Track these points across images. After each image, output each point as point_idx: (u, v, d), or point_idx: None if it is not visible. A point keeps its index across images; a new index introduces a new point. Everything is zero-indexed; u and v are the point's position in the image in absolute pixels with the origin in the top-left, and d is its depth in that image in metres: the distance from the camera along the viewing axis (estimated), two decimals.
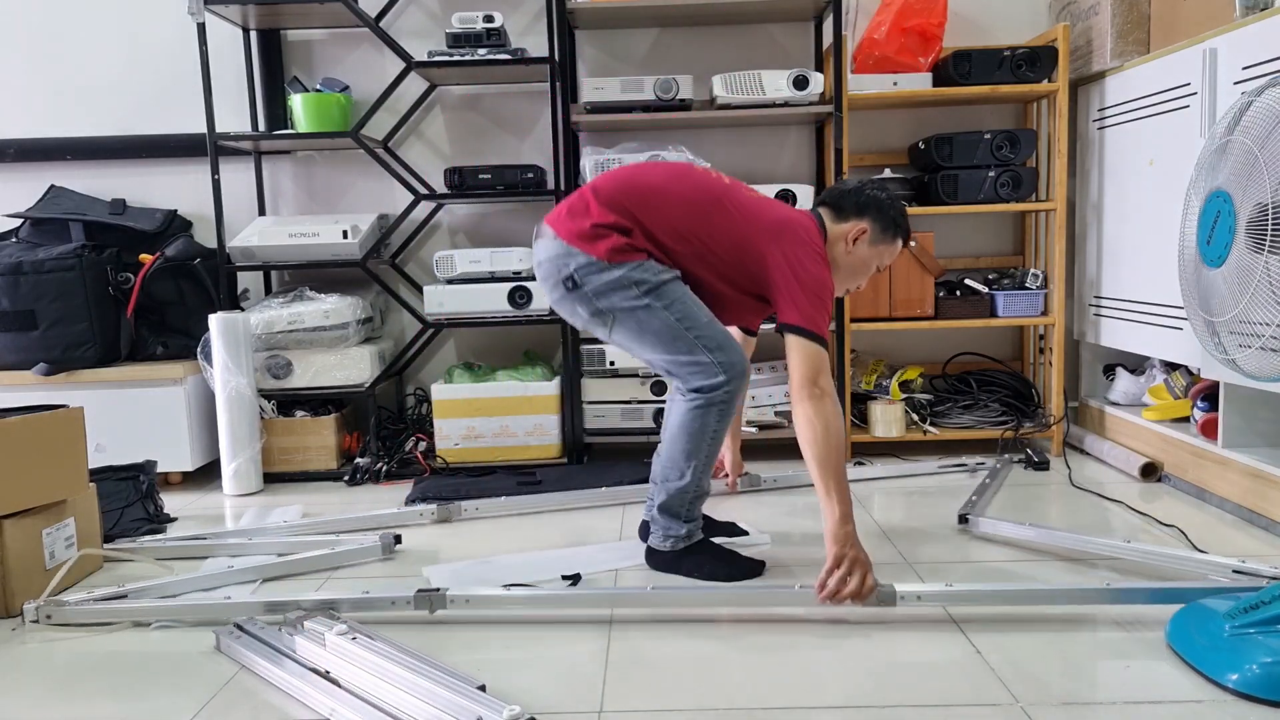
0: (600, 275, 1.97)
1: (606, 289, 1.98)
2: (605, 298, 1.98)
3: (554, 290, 2.04)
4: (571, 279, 1.99)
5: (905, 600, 1.80)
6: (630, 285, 1.97)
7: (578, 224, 2.00)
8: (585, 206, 2.03)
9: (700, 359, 1.97)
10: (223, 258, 3.10)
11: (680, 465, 2.04)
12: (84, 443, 2.22)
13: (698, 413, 1.99)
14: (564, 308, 2.06)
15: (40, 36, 3.42)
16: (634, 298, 1.97)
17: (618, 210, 2.00)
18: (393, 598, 1.87)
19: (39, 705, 1.59)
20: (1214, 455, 2.48)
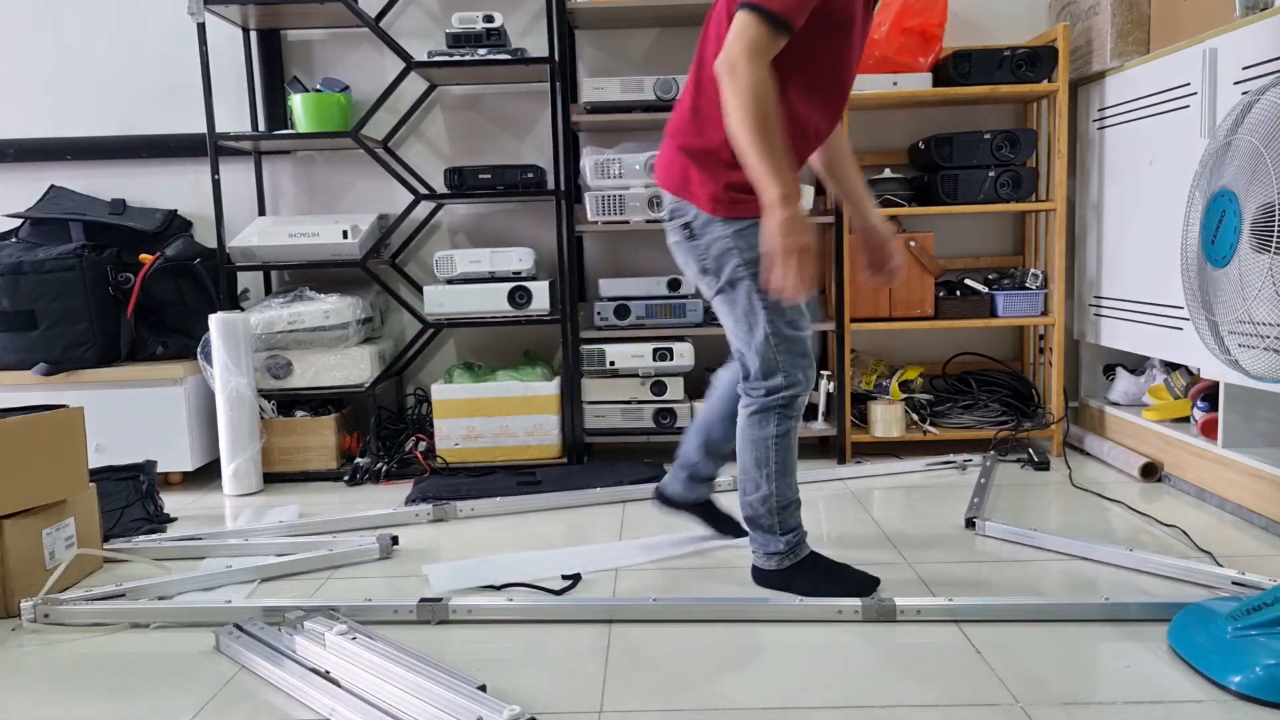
0: (716, 229, 1.88)
1: (719, 241, 1.88)
2: (718, 247, 1.88)
3: (676, 233, 1.94)
4: (689, 228, 1.90)
5: (905, 614, 1.80)
6: (733, 250, 1.85)
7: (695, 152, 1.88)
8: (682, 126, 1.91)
9: (773, 363, 1.87)
10: (223, 258, 3.10)
11: (754, 476, 1.93)
12: (84, 443, 2.21)
13: (756, 421, 1.90)
14: (685, 243, 1.94)
15: (40, 36, 3.42)
16: (738, 257, 1.84)
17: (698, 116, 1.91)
18: (395, 606, 1.87)
19: (39, 705, 1.59)
20: (1214, 455, 2.48)
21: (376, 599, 1.89)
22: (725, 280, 1.86)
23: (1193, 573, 1.95)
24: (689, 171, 1.86)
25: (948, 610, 1.80)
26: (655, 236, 3.46)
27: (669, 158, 1.91)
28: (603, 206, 3.03)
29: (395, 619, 1.86)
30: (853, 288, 3.10)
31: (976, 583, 1.99)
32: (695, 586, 2.02)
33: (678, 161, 1.89)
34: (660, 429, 3.10)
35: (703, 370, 3.33)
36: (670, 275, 3.12)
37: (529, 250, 3.13)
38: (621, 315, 3.10)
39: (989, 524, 2.31)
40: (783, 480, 1.93)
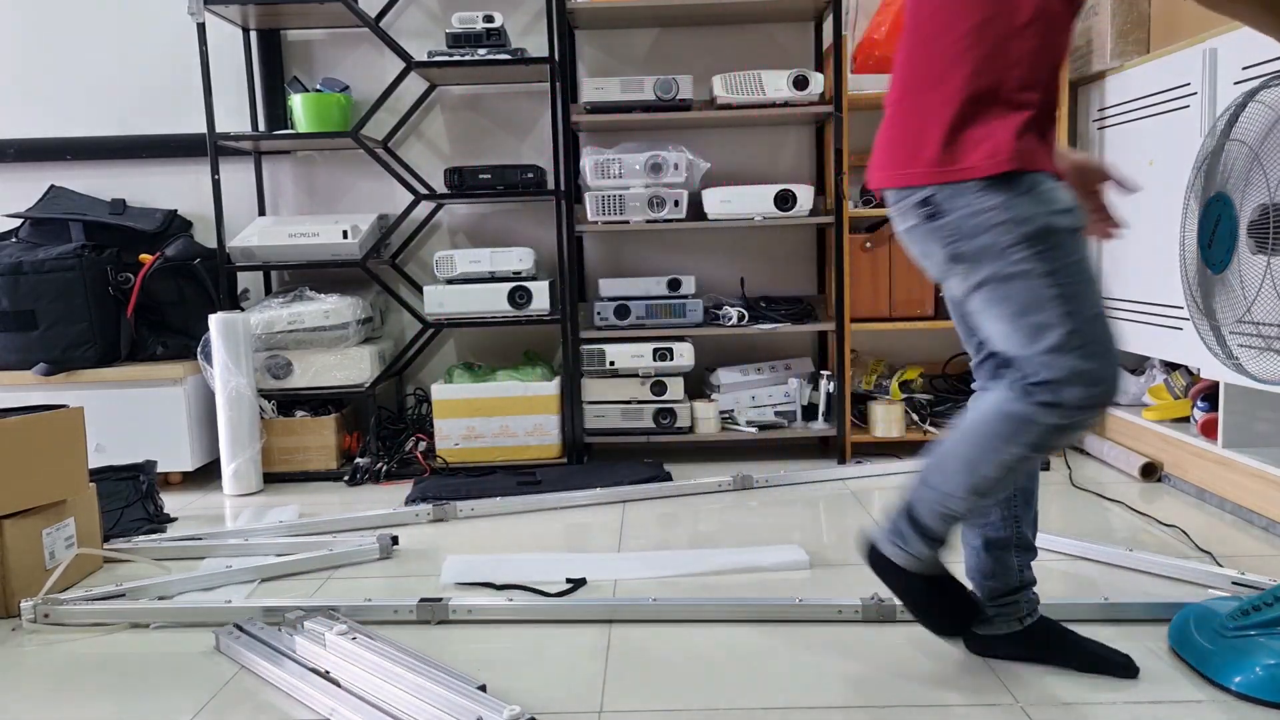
0: (968, 203, 1.43)
1: (971, 226, 1.44)
2: (969, 243, 1.45)
3: (908, 216, 1.51)
4: (929, 202, 1.47)
5: (905, 614, 1.79)
6: (1001, 224, 1.41)
7: (920, 134, 1.46)
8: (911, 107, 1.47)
9: (1058, 365, 1.39)
10: (223, 258, 3.10)
11: (953, 471, 1.49)
12: (84, 443, 2.21)
13: (1006, 423, 1.43)
14: (925, 227, 1.49)
15: (40, 36, 3.42)
16: (1011, 236, 1.41)
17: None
18: (395, 606, 1.87)
19: (39, 705, 1.59)
20: (1214, 455, 2.48)
21: (376, 599, 1.89)
22: (995, 264, 1.41)
23: (1192, 573, 1.95)
24: (928, 134, 1.43)
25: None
26: (655, 236, 3.46)
27: (896, 129, 1.49)
28: (603, 206, 3.03)
29: (395, 619, 1.86)
30: (852, 288, 3.10)
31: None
32: (695, 588, 2.02)
33: (910, 126, 1.46)
34: (660, 429, 3.10)
35: (702, 370, 3.34)
36: (670, 275, 3.12)
37: (529, 250, 3.13)
38: (621, 315, 3.10)
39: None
40: (978, 500, 1.49)
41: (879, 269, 3.11)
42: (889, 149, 1.50)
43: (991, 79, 1.40)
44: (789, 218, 3.02)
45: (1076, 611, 1.78)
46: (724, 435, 3.12)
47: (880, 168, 1.52)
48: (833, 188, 3.06)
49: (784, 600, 1.85)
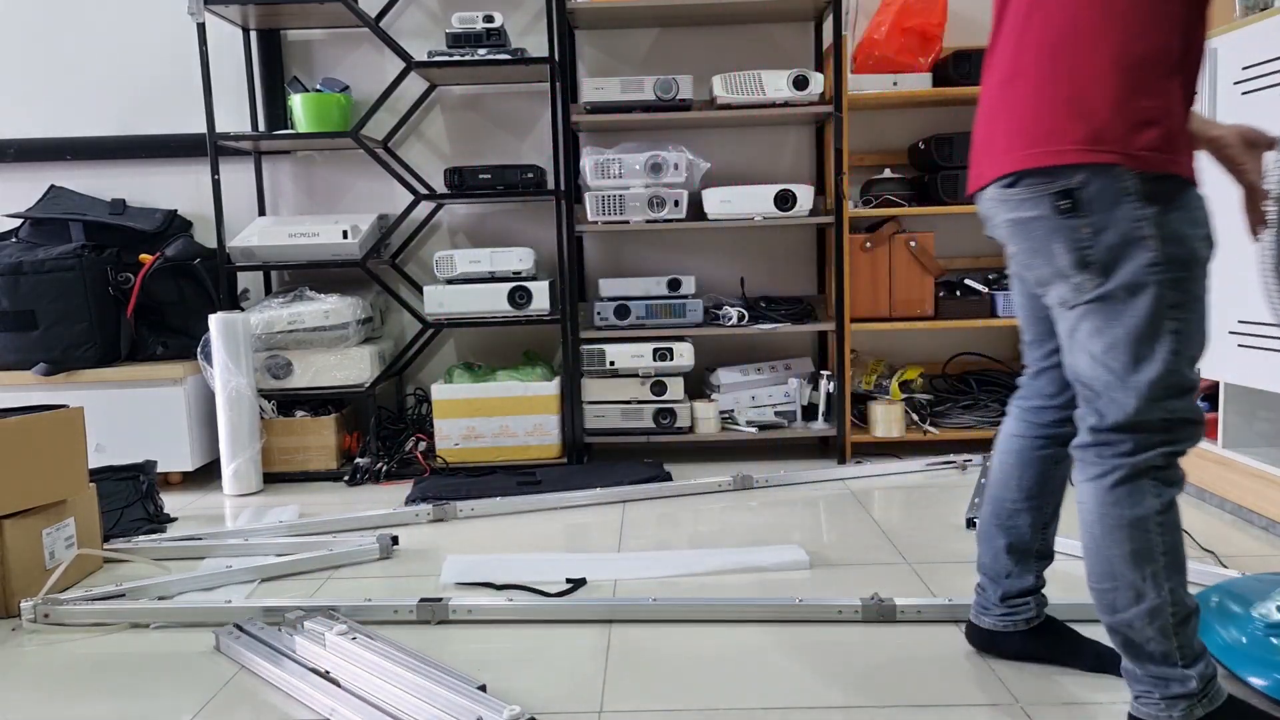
0: (1122, 206, 1.26)
1: (1123, 224, 1.26)
2: (1114, 235, 1.26)
3: (1041, 203, 1.31)
4: (1070, 194, 1.28)
5: (905, 614, 1.80)
6: (1163, 218, 1.26)
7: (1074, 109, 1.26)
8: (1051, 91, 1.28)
9: (1156, 411, 1.26)
10: (223, 258, 3.10)
11: (1130, 578, 1.28)
12: (84, 443, 2.21)
13: (1124, 494, 1.28)
14: (1060, 222, 1.29)
15: (40, 36, 3.42)
16: (1158, 246, 1.25)
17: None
18: (395, 606, 1.87)
19: (39, 705, 1.59)
20: (1214, 455, 2.48)
21: (376, 599, 1.89)
22: (1124, 279, 1.24)
23: (1195, 573, 1.95)
24: (1085, 106, 1.24)
25: (948, 610, 1.80)
26: (655, 236, 3.46)
27: (1028, 104, 1.29)
28: (603, 206, 3.03)
29: (395, 619, 1.86)
30: (852, 288, 3.10)
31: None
32: (695, 588, 2.02)
33: (1057, 95, 1.26)
34: (660, 429, 3.10)
35: (702, 370, 3.34)
36: (670, 275, 3.12)
37: (529, 250, 3.13)
38: (621, 315, 3.10)
39: None
40: (1176, 579, 1.28)
41: (879, 269, 3.11)
42: (1018, 127, 1.29)
43: (1160, 41, 1.20)
44: (789, 218, 3.02)
45: (1077, 612, 1.78)
46: (724, 435, 3.12)
47: (1005, 151, 1.30)
48: (833, 188, 3.06)
49: (784, 600, 1.85)
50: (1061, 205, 1.26)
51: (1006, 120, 1.32)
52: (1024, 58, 1.30)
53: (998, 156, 1.33)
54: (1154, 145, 1.21)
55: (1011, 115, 1.31)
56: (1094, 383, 1.29)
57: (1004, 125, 1.32)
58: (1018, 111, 1.30)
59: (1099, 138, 1.22)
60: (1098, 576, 1.32)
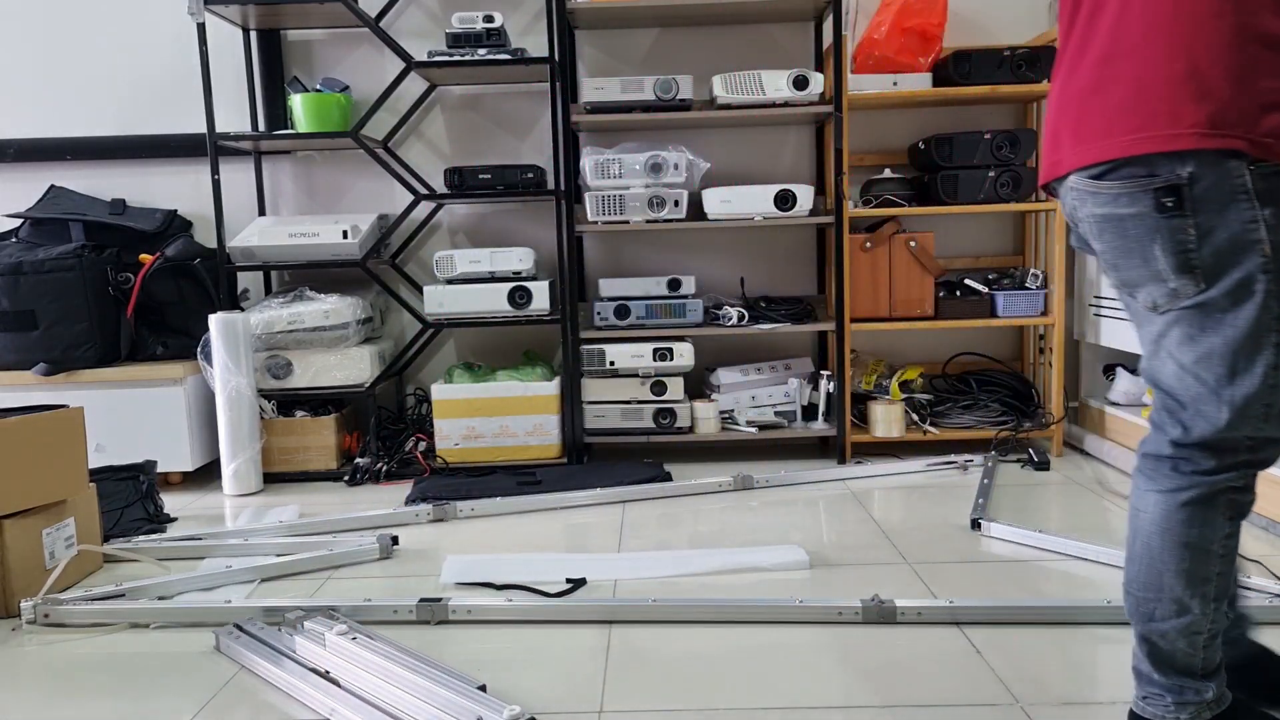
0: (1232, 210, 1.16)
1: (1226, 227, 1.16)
2: (1217, 239, 1.16)
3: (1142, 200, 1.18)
4: (1178, 188, 1.15)
5: (905, 615, 1.80)
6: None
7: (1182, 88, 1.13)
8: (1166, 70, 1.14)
9: (1237, 430, 1.19)
10: (223, 258, 3.10)
11: (1178, 592, 1.25)
12: (84, 443, 2.21)
13: (1198, 513, 1.23)
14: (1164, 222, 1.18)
15: (40, 36, 3.42)
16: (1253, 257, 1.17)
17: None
18: (395, 606, 1.87)
19: (39, 705, 1.59)
20: None
21: (376, 599, 1.89)
22: (1229, 285, 1.15)
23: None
24: (1200, 84, 1.12)
25: (948, 612, 1.80)
26: (655, 236, 3.46)
27: (1124, 85, 1.17)
28: (603, 206, 3.03)
29: (395, 619, 1.86)
30: (852, 288, 3.10)
31: (978, 584, 1.99)
32: (695, 588, 2.02)
33: (1161, 73, 1.14)
34: (660, 429, 3.10)
35: (702, 370, 3.34)
36: (670, 275, 3.12)
37: (529, 250, 3.13)
38: (621, 315, 3.10)
39: (993, 525, 2.31)
40: (1222, 599, 1.26)
41: (879, 269, 3.11)
42: (1120, 105, 1.16)
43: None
44: (789, 218, 3.02)
45: (1078, 614, 1.78)
46: (724, 435, 3.12)
47: (1102, 134, 1.17)
48: (833, 188, 3.06)
49: (784, 601, 1.85)
50: (1166, 202, 1.14)
51: (1103, 100, 1.18)
52: (1128, 33, 1.16)
53: (1090, 141, 1.19)
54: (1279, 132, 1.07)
55: (1110, 94, 1.17)
56: (1181, 394, 1.21)
57: (1100, 105, 1.18)
58: (1120, 90, 1.16)
59: (1219, 120, 1.08)
60: (1142, 585, 1.28)
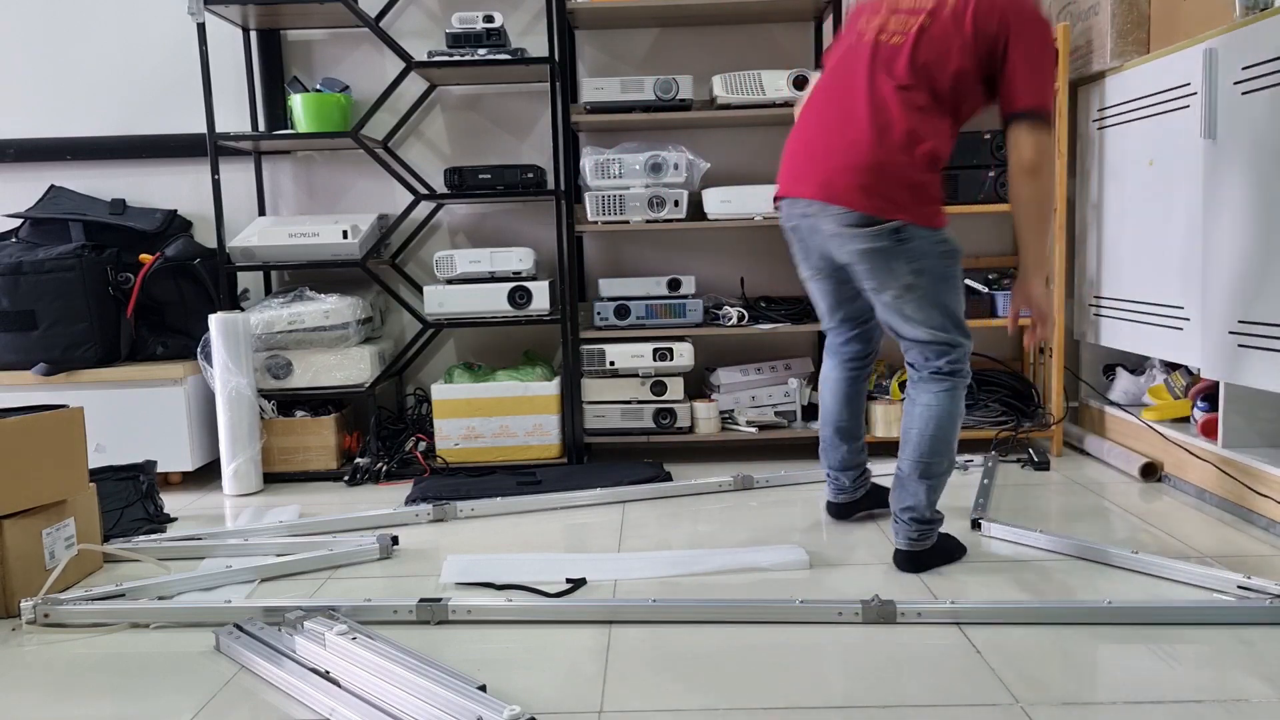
0: (922, 240, 1.97)
1: (919, 257, 1.97)
2: (913, 267, 1.97)
3: (872, 239, 1.97)
4: (901, 232, 1.95)
5: (906, 616, 1.80)
6: (943, 254, 1.99)
7: (888, 171, 1.95)
8: (877, 154, 1.96)
9: (955, 336, 2.03)
10: (223, 258, 3.10)
11: (945, 454, 2.04)
12: (84, 443, 2.22)
13: (948, 397, 2.03)
14: (874, 260, 1.99)
15: (40, 36, 3.42)
16: (947, 263, 2.00)
17: (918, 138, 1.95)
18: (395, 606, 1.87)
19: (39, 705, 1.59)
20: (1214, 455, 2.48)
21: (376, 599, 1.89)
22: (926, 277, 1.98)
23: (1197, 575, 1.95)
24: (896, 188, 1.95)
25: (949, 612, 1.80)
26: (655, 236, 3.46)
27: (864, 177, 1.95)
28: (603, 206, 3.03)
29: (395, 619, 1.86)
30: None
31: (978, 584, 1.99)
32: (695, 588, 2.02)
33: (882, 180, 1.95)
34: (660, 429, 3.10)
35: (702, 370, 3.33)
36: (670, 275, 3.12)
37: (529, 250, 3.13)
38: (621, 315, 3.10)
39: (993, 525, 2.31)
40: (951, 464, 2.10)
41: None
42: (867, 184, 1.95)
43: (942, 155, 2.00)
44: None
45: (1078, 615, 1.77)
46: (724, 435, 3.12)
47: (856, 191, 1.96)
48: None
49: (784, 601, 1.85)
50: (893, 240, 1.96)
51: (853, 172, 1.97)
52: (861, 119, 1.98)
53: (843, 193, 1.98)
54: (932, 212, 1.99)
55: (853, 168, 1.97)
56: (921, 334, 2.04)
57: (846, 172, 1.98)
58: (861, 168, 1.96)
59: (912, 205, 1.97)
60: (932, 453, 2.03)
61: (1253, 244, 2.28)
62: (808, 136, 2.09)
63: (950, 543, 2.14)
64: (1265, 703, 1.46)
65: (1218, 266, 2.42)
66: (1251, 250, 2.29)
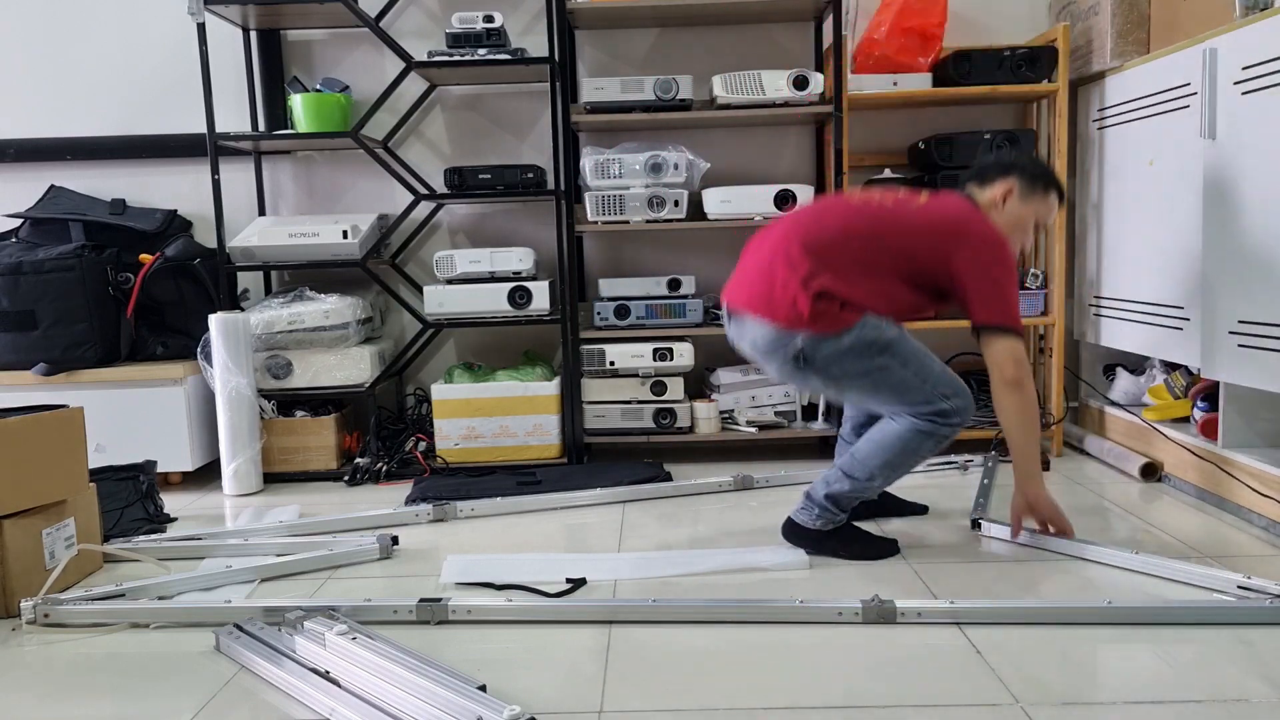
0: (831, 346, 2.05)
1: (840, 357, 2.05)
2: (840, 365, 2.06)
3: (781, 366, 2.11)
4: (802, 356, 2.06)
5: (906, 616, 1.79)
6: (864, 349, 2.05)
7: (782, 302, 2.06)
8: (776, 280, 2.07)
9: (938, 405, 2.06)
10: (223, 258, 3.10)
11: (874, 472, 2.12)
12: (84, 442, 2.22)
13: (919, 436, 2.07)
14: (793, 379, 2.15)
15: (40, 36, 3.42)
16: (869, 359, 2.05)
17: (813, 276, 2.04)
18: (395, 606, 1.86)
19: (39, 705, 1.59)
20: (1214, 455, 2.47)
21: (376, 599, 1.89)
22: (862, 371, 2.08)
23: (1197, 575, 1.94)
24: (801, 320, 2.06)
25: (949, 612, 1.79)
26: (655, 236, 3.46)
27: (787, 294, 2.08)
28: (603, 206, 3.03)
29: (395, 619, 1.86)
30: None
31: (979, 584, 1.99)
32: (695, 588, 2.02)
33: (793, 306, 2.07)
34: (660, 429, 3.10)
35: (702, 370, 3.33)
36: (670, 275, 3.12)
37: (529, 250, 3.13)
38: (621, 315, 3.10)
39: (993, 525, 2.31)
40: (888, 484, 2.23)
41: None
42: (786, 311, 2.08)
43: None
44: None
45: (1078, 615, 1.77)
46: (724, 435, 3.12)
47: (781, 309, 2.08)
48: (832, 188, 3.06)
49: (784, 601, 1.85)
50: (799, 363, 2.11)
51: (778, 285, 2.09)
52: (795, 260, 2.09)
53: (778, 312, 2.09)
54: (839, 324, 2.07)
55: (780, 286, 2.09)
56: (893, 413, 2.13)
57: (773, 311, 2.10)
58: (782, 308, 2.08)
59: (819, 327, 2.07)
60: (863, 459, 2.12)
61: (1253, 244, 2.29)
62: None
63: (863, 537, 2.21)
64: (1265, 703, 1.46)
65: (1218, 266, 2.42)
66: (1251, 250, 2.29)
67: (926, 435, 2.08)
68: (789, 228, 2.14)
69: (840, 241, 2.08)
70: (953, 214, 2.11)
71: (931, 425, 2.08)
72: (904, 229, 2.09)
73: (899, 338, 2.08)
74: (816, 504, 2.17)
